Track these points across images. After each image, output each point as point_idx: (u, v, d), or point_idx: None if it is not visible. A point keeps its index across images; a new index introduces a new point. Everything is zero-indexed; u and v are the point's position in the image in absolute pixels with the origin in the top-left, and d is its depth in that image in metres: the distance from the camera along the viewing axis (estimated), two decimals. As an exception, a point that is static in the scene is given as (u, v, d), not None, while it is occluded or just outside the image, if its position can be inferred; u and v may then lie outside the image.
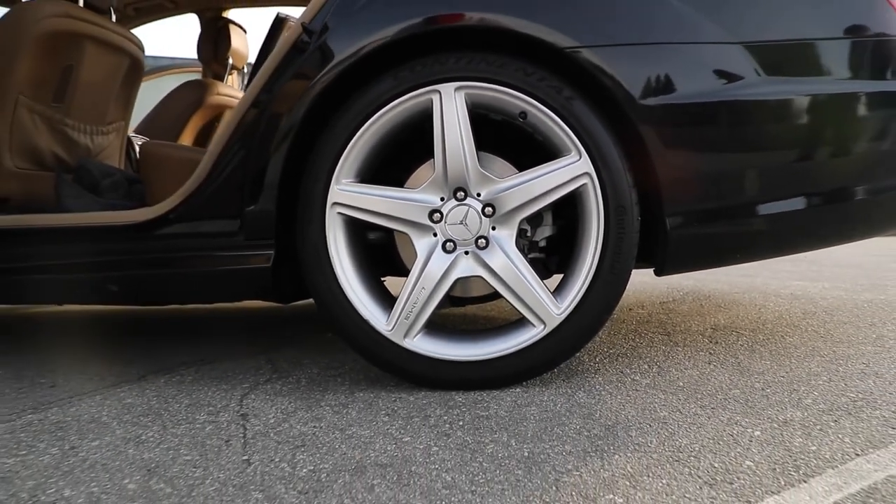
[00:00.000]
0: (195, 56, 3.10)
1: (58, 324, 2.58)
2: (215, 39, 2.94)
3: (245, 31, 3.11)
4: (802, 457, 0.90)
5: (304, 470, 0.93)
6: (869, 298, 2.51)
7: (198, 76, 3.08)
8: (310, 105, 1.35)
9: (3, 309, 2.91)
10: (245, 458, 0.99)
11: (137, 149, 2.49)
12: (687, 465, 0.89)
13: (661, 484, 0.83)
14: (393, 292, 1.44)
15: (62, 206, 1.74)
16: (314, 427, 1.13)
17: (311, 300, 1.46)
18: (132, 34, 2.18)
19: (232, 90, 3.01)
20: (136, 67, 2.23)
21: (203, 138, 2.91)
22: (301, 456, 0.99)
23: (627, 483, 0.84)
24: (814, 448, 0.93)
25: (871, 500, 0.76)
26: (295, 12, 3.35)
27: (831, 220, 1.37)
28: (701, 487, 0.82)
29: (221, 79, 3.09)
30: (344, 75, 1.35)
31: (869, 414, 1.08)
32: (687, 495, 0.80)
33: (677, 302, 2.53)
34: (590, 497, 0.80)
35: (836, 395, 1.19)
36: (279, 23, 3.34)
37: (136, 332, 2.26)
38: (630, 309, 2.37)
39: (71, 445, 1.08)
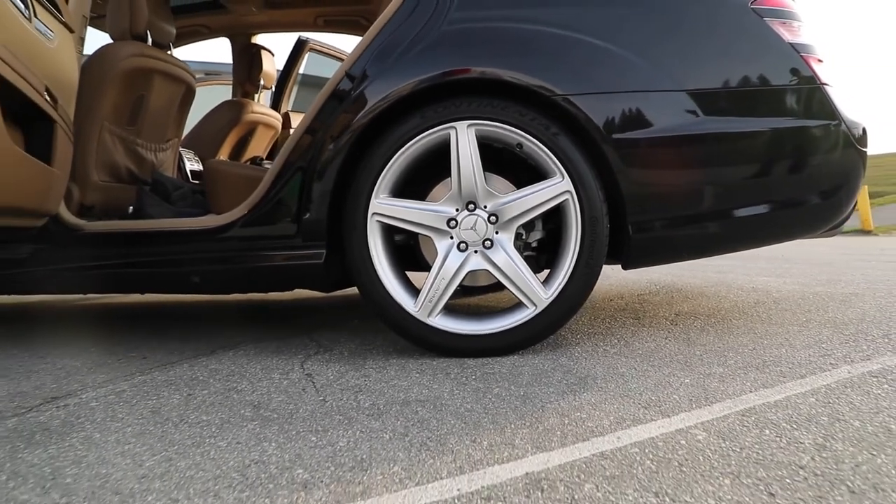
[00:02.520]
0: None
1: (118, 311, 2.97)
2: (249, 64, 3.33)
3: (273, 55, 3.50)
4: (713, 394, 1.30)
5: (366, 404, 1.33)
6: (818, 291, 2.91)
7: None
8: (354, 136, 1.74)
9: (72, 299, 3.30)
10: (321, 398, 1.39)
11: (186, 161, 2.87)
12: (633, 398, 1.29)
13: (612, 407, 1.23)
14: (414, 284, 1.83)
15: (144, 213, 2.13)
16: (365, 380, 1.52)
17: (341, 293, 1.84)
18: (186, 65, 2.57)
19: (263, 108, 3.40)
20: (189, 93, 2.62)
21: (238, 151, 3.30)
22: (361, 397, 1.38)
23: (590, 407, 1.24)
24: (723, 388, 1.33)
25: (748, 413, 1.16)
26: (314, 36, 3.75)
27: (758, 226, 1.77)
28: (638, 409, 1.21)
29: (251, 96, 3.48)
30: (381, 113, 1.74)
31: (772, 370, 1.48)
32: (629, 412, 1.19)
33: (652, 294, 2.93)
34: (564, 414, 1.20)
35: (754, 359, 1.59)
36: (301, 45, 3.74)
37: (187, 318, 2.65)
38: (611, 300, 2.77)
39: (188, 393, 1.48)
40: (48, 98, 1.61)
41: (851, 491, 0.85)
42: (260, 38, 3.61)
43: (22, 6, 1.57)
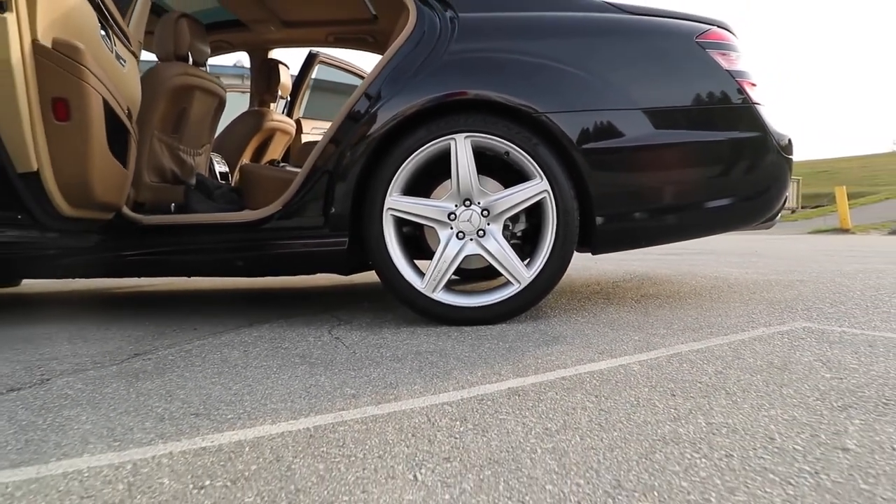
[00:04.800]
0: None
1: (158, 296, 3.35)
2: (268, 77, 3.72)
3: (288, 68, 3.88)
4: (653, 345, 1.70)
5: (388, 354, 1.72)
6: (771, 279, 3.33)
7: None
8: (372, 145, 2.13)
9: (112, 286, 3.67)
10: (351, 351, 1.78)
11: (215, 164, 3.25)
12: (592, 348, 1.69)
13: (575, 353, 1.63)
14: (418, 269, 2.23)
15: (191, 209, 2.51)
16: (384, 340, 1.92)
17: (348, 281, 2.22)
18: (220, 80, 2.95)
19: (281, 117, 3.78)
20: (221, 104, 3.00)
21: (259, 154, 3.69)
22: (383, 350, 1.78)
23: (558, 353, 1.64)
24: (662, 342, 1.74)
25: (675, 356, 1.56)
26: (323, 50, 4.13)
27: (698, 220, 2.17)
28: (594, 354, 1.62)
29: (268, 105, 3.86)
30: (394, 127, 2.13)
31: (705, 331, 1.88)
32: (587, 356, 1.59)
33: (625, 282, 3.34)
34: (538, 357, 1.60)
35: (693, 324, 1.99)
36: (311, 58, 4.13)
37: (218, 302, 3.03)
38: (588, 286, 3.17)
39: (244, 350, 1.86)
40: (128, 114, 2.00)
41: (728, 393, 1.25)
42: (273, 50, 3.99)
43: (106, 38, 1.95)
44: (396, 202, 2.12)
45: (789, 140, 2.27)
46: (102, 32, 1.90)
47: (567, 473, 0.89)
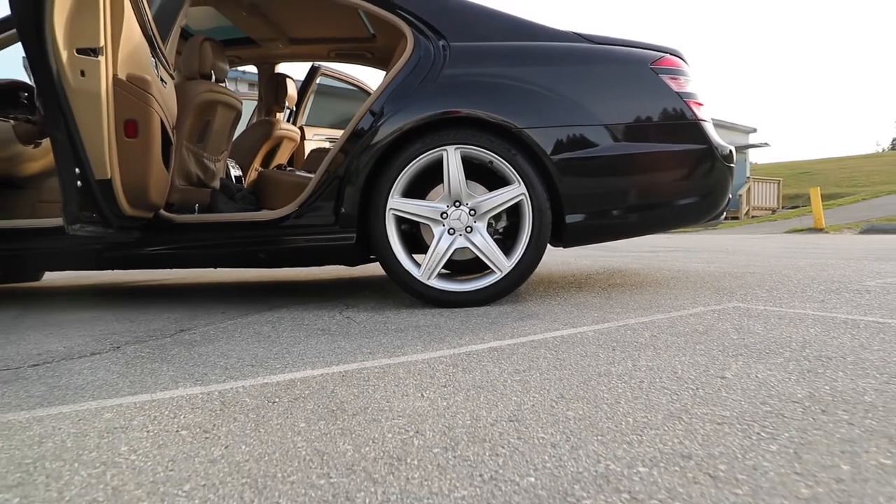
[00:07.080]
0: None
1: (179, 287, 3.70)
2: (276, 90, 4.09)
3: (294, 80, 4.25)
4: (608, 320, 2.10)
5: (393, 327, 2.11)
6: (728, 272, 3.74)
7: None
8: (376, 155, 2.52)
9: (139, 279, 4.01)
10: (362, 326, 2.16)
11: (231, 169, 3.62)
12: (558, 322, 2.08)
13: (544, 325, 2.03)
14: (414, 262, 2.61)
15: (216, 209, 2.88)
16: (387, 318, 2.30)
17: (349, 275, 2.60)
18: (236, 94, 3.32)
19: (288, 126, 4.16)
20: (238, 116, 3.38)
21: (268, 160, 4.05)
22: (388, 325, 2.16)
23: (531, 326, 2.03)
24: (615, 317, 2.13)
25: (623, 326, 1.97)
26: (325, 64, 4.50)
27: (652, 219, 2.58)
28: (560, 326, 2.01)
29: (276, 115, 4.24)
30: (395, 139, 2.52)
31: (653, 309, 2.29)
32: (553, 327, 1.99)
33: (598, 274, 3.74)
34: (515, 328, 1.99)
35: (645, 305, 2.40)
36: (314, 71, 4.50)
37: (238, 292, 3.40)
38: (564, 277, 3.57)
39: (271, 326, 2.24)
40: (172, 127, 2.37)
41: (655, 348, 1.65)
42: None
43: (155, 63, 2.32)
44: (397, 203, 2.51)
45: (730, 150, 2.68)
46: (152, 60, 2.27)
47: (527, 392, 1.28)
